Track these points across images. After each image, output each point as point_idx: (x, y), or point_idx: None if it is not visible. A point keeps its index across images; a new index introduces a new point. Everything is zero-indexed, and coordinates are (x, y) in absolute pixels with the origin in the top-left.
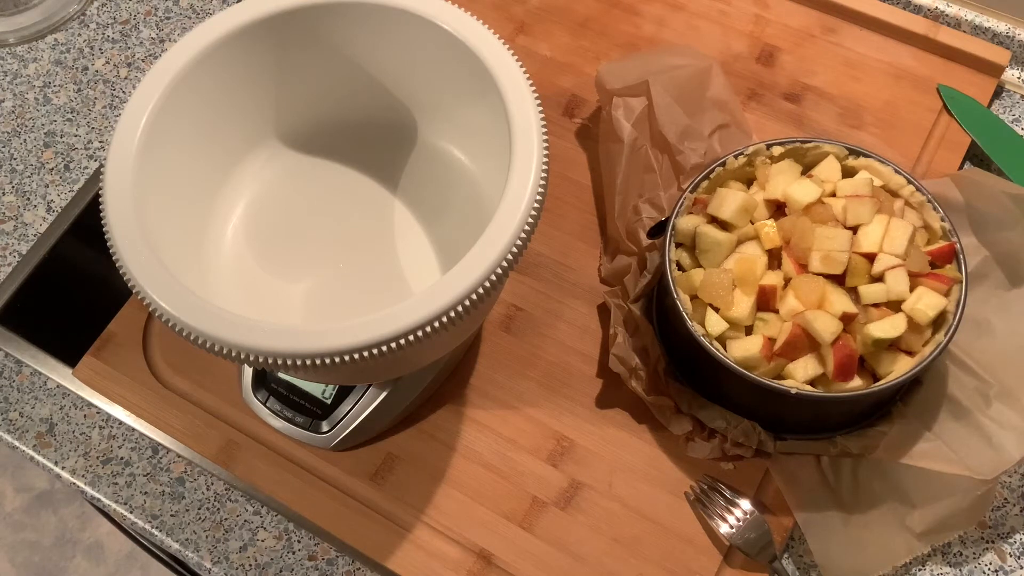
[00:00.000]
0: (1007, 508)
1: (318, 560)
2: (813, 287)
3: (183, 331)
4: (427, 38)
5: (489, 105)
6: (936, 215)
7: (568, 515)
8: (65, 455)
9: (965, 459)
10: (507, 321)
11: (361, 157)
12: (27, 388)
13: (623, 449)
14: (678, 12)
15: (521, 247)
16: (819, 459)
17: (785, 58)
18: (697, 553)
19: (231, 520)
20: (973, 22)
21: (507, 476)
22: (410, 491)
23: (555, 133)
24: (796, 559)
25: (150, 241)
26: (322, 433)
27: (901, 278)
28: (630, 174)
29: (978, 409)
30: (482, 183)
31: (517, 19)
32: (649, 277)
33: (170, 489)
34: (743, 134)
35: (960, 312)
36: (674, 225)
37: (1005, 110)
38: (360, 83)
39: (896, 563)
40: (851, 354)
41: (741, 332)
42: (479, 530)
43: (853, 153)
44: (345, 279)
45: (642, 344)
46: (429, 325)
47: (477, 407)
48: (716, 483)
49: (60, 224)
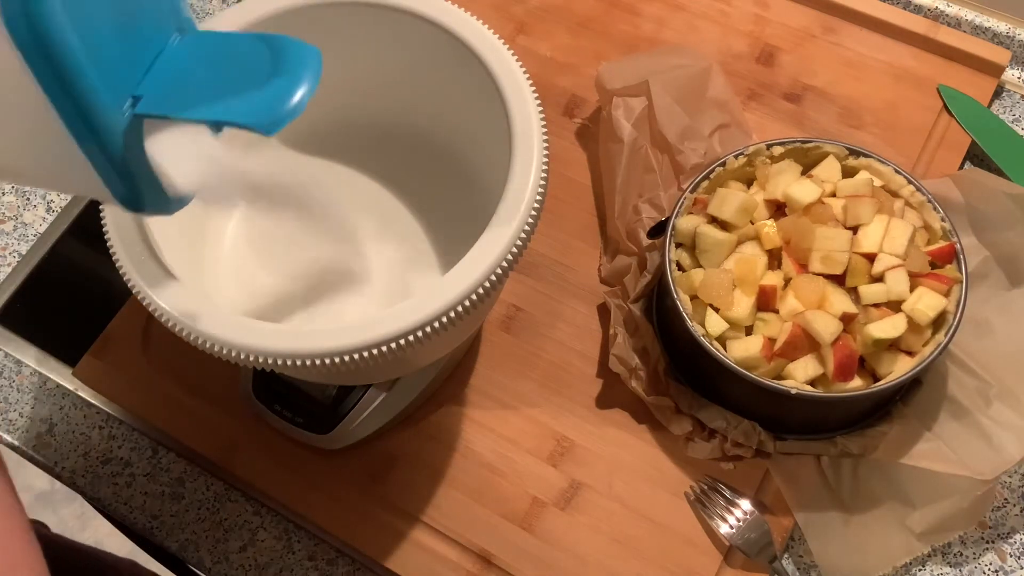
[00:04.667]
0: (1007, 508)
1: (318, 560)
2: (813, 287)
3: (183, 332)
4: (427, 38)
5: (489, 105)
6: (936, 215)
7: (568, 515)
8: (65, 455)
9: (965, 459)
10: (507, 321)
11: (361, 157)
12: (27, 388)
13: (623, 449)
14: (678, 12)
15: (521, 247)
16: (819, 459)
17: (785, 58)
18: (697, 553)
19: (231, 520)
20: (973, 22)
21: (507, 476)
22: (410, 491)
23: (555, 133)
24: (796, 559)
25: (149, 241)
26: (322, 433)
27: (901, 278)
28: (630, 174)
29: (978, 409)
30: (482, 183)
31: (517, 19)
32: (649, 277)
33: (170, 489)
34: (743, 134)
35: (960, 312)
36: (674, 225)
37: (1005, 110)
38: (360, 83)
39: (896, 563)
40: (851, 354)
41: (741, 332)
42: (479, 530)
43: (853, 153)
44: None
45: (642, 344)
46: (429, 325)
47: (477, 407)
48: (716, 483)
49: (60, 224)
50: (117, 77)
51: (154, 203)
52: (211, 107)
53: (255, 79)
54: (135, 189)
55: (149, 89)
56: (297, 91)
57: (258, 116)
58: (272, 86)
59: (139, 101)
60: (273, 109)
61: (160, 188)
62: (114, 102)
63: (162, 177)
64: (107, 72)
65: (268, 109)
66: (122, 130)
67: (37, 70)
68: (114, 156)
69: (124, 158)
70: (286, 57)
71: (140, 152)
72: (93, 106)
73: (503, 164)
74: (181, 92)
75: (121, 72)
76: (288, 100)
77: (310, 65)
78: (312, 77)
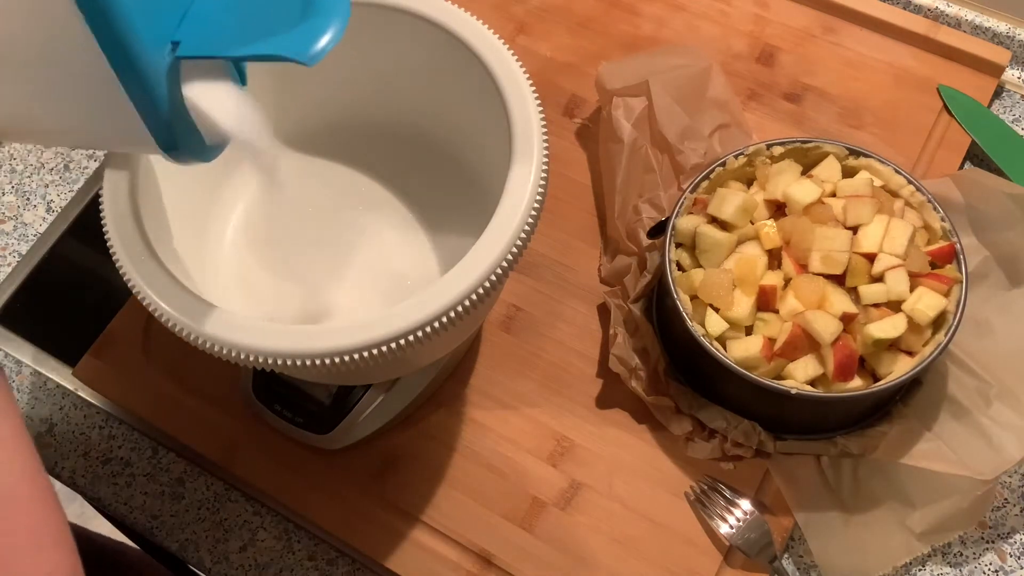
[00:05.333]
0: (1007, 508)
1: (318, 560)
2: (813, 287)
3: (183, 332)
4: (427, 38)
5: (489, 105)
6: (936, 215)
7: (568, 515)
8: (65, 455)
9: (965, 459)
10: (507, 321)
11: (361, 157)
12: (27, 388)
13: (623, 449)
14: (678, 12)
15: (521, 247)
16: (819, 459)
17: (785, 58)
18: (697, 553)
19: (231, 520)
20: (973, 22)
21: (507, 476)
22: (410, 491)
23: (555, 133)
24: (796, 559)
25: (149, 241)
26: (322, 433)
27: (901, 278)
28: (630, 174)
29: (978, 409)
30: (482, 183)
31: (517, 19)
32: (649, 277)
33: (170, 489)
34: (743, 134)
35: (960, 312)
36: (674, 225)
37: (1005, 110)
38: (360, 83)
39: (896, 563)
40: (851, 354)
41: (741, 332)
42: (479, 530)
43: (853, 153)
44: (345, 279)
45: (642, 344)
46: (429, 325)
47: (477, 407)
48: (716, 483)
49: (60, 224)
50: (158, 22)
51: (192, 149)
52: (251, 45)
53: (287, 18)
54: (175, 134)
55: (187, 34)
56: (332, 23)
57: (299, 48)
58: (308, 21)
59: (178, 46)
60: (312, 40)
61: (198, 134)
62: (157, 45)
63: (200, 122)
64: (150, 17)
65: (307, 41)
66: (165, 72)
67: (89, 16)
68: (158, 99)
69: (167, 101)
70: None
71: (180, 97)
72: (139, 49)
73: (503, 164)
74: (218, 34)
75: (161, 18)
76: (325, 31)
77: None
78: (344, 9)
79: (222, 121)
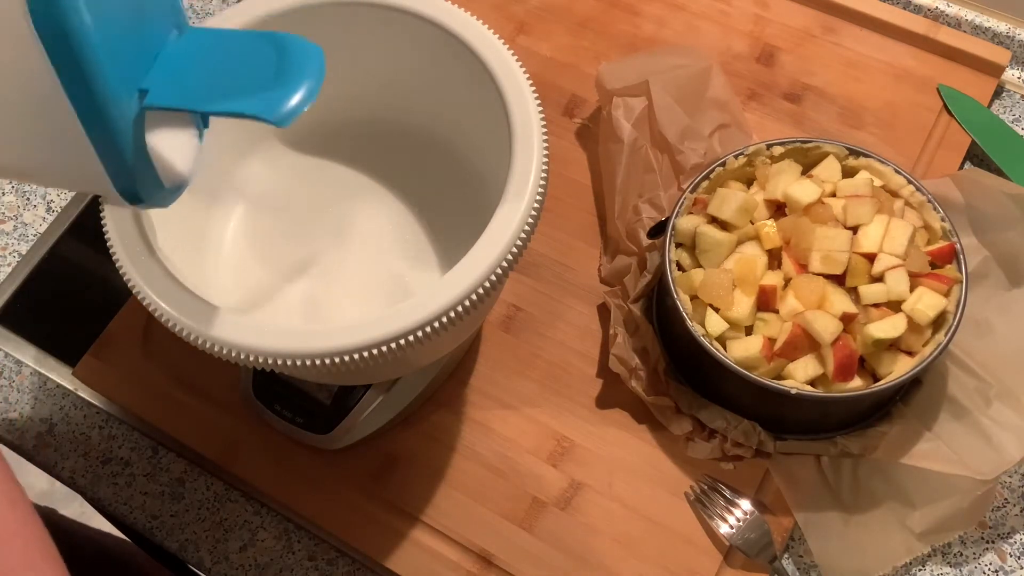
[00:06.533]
0: (1007, 508)
1: (318, 560)
2: (813, 287)
3: (183, 332)
4: (427, 38)
5: (489, 105)
6: (936, 215)
7: (568, 515)
8: (65, 455)
9: (965, 459)
10: (507, 321)
11: (361, 157)
12: (27, 388)
13: (623, 449)
14: (678, 12)
15: (521, 247)
16: (819, 459)
17: (785, 58)
18: (697, 553)
19: (231, 520)
20: (973, 22)
21: (507, 476)
22: (410, 491)
23: (555, 133)
24: (796, 559)
25: (149, 241)
26: (322, 433)
27: (901, 278)
28: (630, 174)
29: (978, 409)
30: (482, 183)
31: (517, 19)
32: (649, 277)
33: (170, 489)
34: (743, 134)
35: (960, 312)
36: (674, 225)
37: (1005, 110)
38: (360, 83)
39: (896, 563)
40: (851, 354)
41: (741, 332)
42: (479, 530)
43: (853, 153)
44: (345, 279)
45: (642, 344)
46: (429, 325)
47: (477, 407)
48: (716, 483)
49: (60, 224)
50: (127, 69)
51: (152, 195)
52: (223, 100)
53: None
54: (136, 181)
55: (155, 83)
56: (306, 85)
57: (271, 109)
58: (282, 82)
59: (147, 94)
60: (284, 102)
61: (157, 180)
62: (125, 93)
63: (159, 167)
64: (119, 64)
65: (280, 102)
66: (131, 120)
67: (56, 59)
68: (122, 146)
69: (130, 149)
70: (290, 52)
71: (143, 144)
72: (106, 96)
73: (503, 164)
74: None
75: (130, 65)
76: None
77: (315, 58)
78: (318, 70)
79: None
